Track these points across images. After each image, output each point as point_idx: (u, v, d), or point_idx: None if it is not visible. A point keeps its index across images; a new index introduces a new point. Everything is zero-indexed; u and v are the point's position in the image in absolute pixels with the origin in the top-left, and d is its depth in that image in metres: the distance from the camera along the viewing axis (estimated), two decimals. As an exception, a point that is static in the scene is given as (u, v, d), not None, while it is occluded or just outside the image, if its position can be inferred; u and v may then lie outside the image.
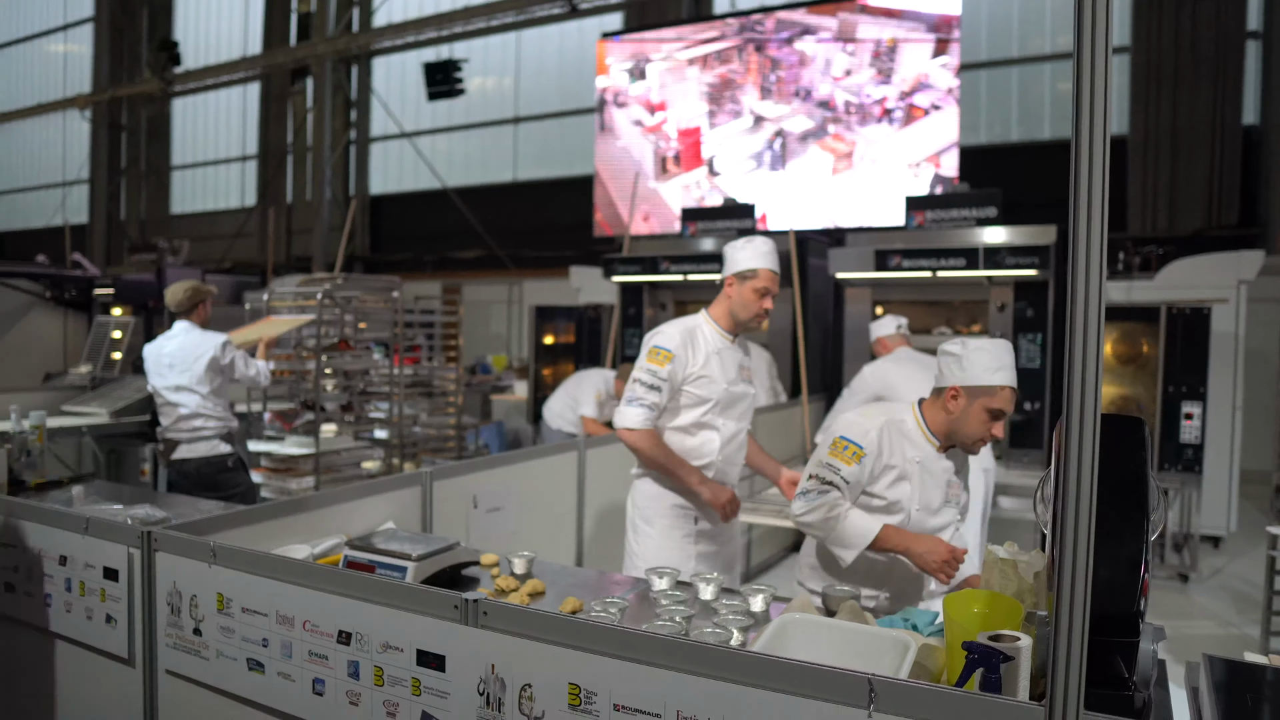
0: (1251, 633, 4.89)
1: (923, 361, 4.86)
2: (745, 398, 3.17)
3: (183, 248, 12.06)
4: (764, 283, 3.06)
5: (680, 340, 3.07)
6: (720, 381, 3.08)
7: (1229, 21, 9.81)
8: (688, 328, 3.13)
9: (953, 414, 2.50)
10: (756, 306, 3.08)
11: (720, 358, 3.10)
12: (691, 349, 3.08)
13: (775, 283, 3.07)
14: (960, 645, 1.44)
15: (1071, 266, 1.23)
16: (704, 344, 3.10)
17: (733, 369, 3.12)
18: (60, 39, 21.93)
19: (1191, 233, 9.80)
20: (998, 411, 2.42)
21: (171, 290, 4.88)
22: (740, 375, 3.15)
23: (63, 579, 2.40)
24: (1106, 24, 1.20)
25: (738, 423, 3.16)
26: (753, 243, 3.08)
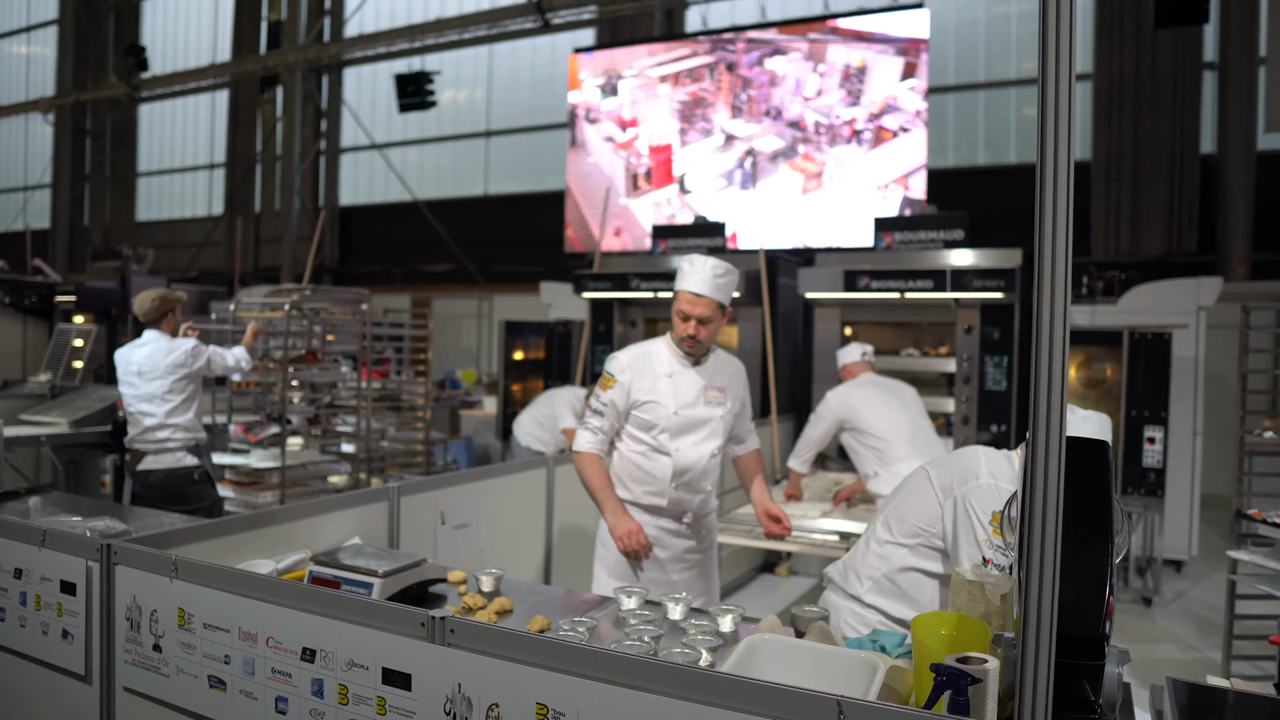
0: (1214, 656, 4.96)
1: (886, 385, 4.92)
2: (708, 421, 3.08)
3: (147, 255, 11.90)
4: (682, 305, 3.01)
5: (627, 364, 3.08)
6: (669, 405, 3.03)
7: (1186, 52, 10.06)
8: (642, 351, 3.13)
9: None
10: (680, 329, 3.03)
11: (674, 380, 3.05)
12: (640, 373, 3.06)
13: (696, 305, 2.97)
14: (928, 667, 1.45)
15: (1037, 290, 1.25)
16: (657, 367, 3.07)
17: (690, 392, 3.06)
18: (23, 40, 21.60)
19: (1153, 258, 10.00)
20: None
21: (140, 299, 4.78)
22: (703, 398, 3.07)
23: (17, 592, 2.35)
24: (1070, 52, 1.22)
25: (699, 446, 3.08)
26: (680, 264, 3.05)
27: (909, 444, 4.62)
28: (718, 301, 2.99)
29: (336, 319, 5.90)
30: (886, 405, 4.75)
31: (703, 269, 2.97)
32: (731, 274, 3.02)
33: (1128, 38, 10.28)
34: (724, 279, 3.00)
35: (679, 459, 3.06)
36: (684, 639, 2.08)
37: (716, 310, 3.00)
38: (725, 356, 3.24)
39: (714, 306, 2.98)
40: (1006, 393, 5.77)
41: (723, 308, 3.03)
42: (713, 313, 2.99)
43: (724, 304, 3.03)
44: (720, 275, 2.98)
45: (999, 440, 5.78)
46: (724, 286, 3.00)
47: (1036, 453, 1.24)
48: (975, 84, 11.69)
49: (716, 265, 2.97)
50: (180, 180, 19.33)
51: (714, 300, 2.97)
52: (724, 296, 3.02)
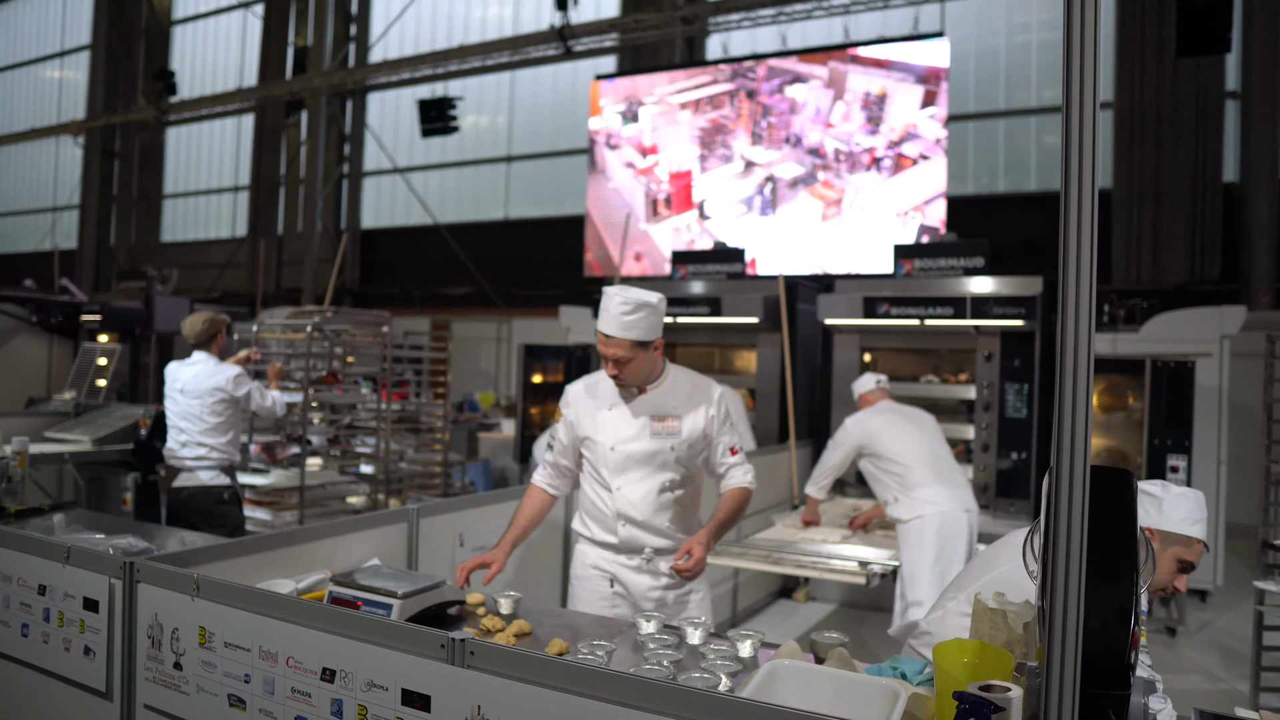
0: (1241, 688, 4.88)
1: (904, 412, 4.92)
2: (655, 455, 2.83)
3: (172, 276, 12.04)
4: (598, 343, 2.80)
5: (572, 398, 2.98)
6: (605, 441, 2.86)
7: (1208, 81, 10.04)
8: (591, 382, 2.99)
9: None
10: (605, 365, 2.83)
11: (614, 414, 2.88)
12: (583, 407, 2.94)
13: (608, 346, 2.75)
14: (950, 695, 1.44)
15: (1061, 317, 1.25)
16: (600, 400, 2.92)
17: (630, 426, 2.85)
18: (56, 65, 22.03)
19: (1175, 286, 9.93)
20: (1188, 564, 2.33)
21: (190, 321, 4.91)
22: (648, 430, 2.84)
23: (41, 609, 2.37)
24: (1095, 82, 1.23)
25: (643, 483, 2.85)
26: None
27: (929, 470, 4.60)
28: (629, 341, 2.73)
29: (357, 341, 5.95)
30: (906, 432, 4.74)
31: (609, 308, 2.74)
32: (647, 309, 2.72)
33: (1149, 66, 10.27)
34: (634, 317, 2.72)
35: (618, 498, 2.86)
36: (703, 664, 2.07)
37: (632, 349, 2.74)
38: (688, 378, 2.96)
39: (626, 345, 2.73)
40: (1027, 420, 5.74)
41: (642, 345, 2.76)
42: (626, 351, 2.74)
43: (641, 342, 2.75)
44: (629, 313, 2.71)
45: (1019, 467, 5.74)
46: (636, 324, 2.72)
47: (1060, 481, 1.24)
48: (995, 112, 11.70)
49: (624, 303, 2.71)
50: (205, 202, 19.59)
51: (625, 340, 2.73)
52: (640, 334, 2.73)
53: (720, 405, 2.93)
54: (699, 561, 2.74)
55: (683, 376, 2.96)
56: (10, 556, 2.46)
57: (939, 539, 4.47)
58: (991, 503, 5.75)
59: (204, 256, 18.54)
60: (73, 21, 21.58)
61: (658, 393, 2.89)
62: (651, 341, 2.79)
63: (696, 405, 2.89)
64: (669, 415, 2.86)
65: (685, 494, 2.92)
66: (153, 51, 19.88)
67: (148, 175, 20.14)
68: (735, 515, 2.95)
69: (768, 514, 5.64)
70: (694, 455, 2.90)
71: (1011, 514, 5.69)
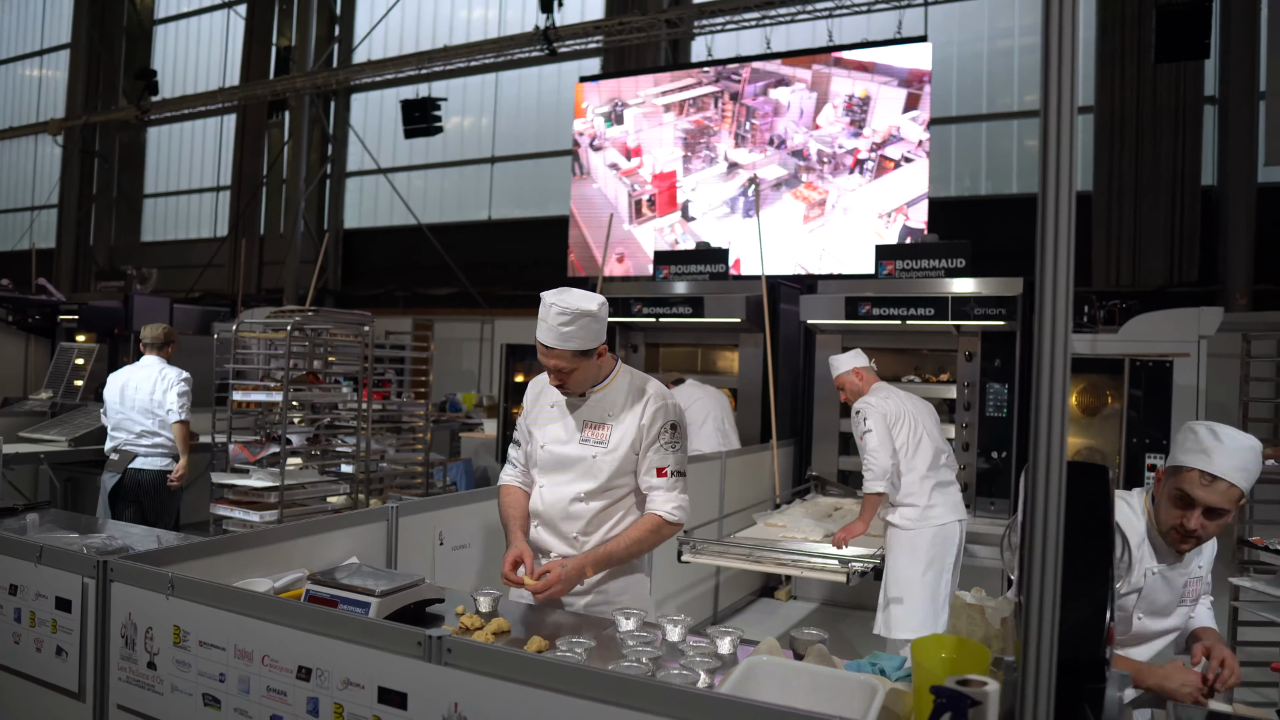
0: (1214, 684, 4.91)
1: (910, 399, 4.64)
2: (579, 462, 2.71)
3: (151, 276, 11.95)
4: (540, 352, 2.68)
5: (531, 390, 2.91)
6: (538, 438, 2.80)
7: (1187, 86, 10.14)
8: (544, 380, 2.85)
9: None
10: (549, 374, 2.73)
11: (554, 412, 2.79)
12: (535, 400, 2.87)
13: (549, 356, 2.62)
14: (928, 689, 1.44)
15: (1038, 315, 1.25)
16: (547, 396, 2.83)
17: (564, 428, 2.76)
18: (36, 63, 21.83)
19: (1154, 288, 10.01)
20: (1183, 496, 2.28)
21: (151, 328, 5.80)
22: (578, 435, 2.73)
23: (12, 609, 2.34)
24: (1072, 86, 1.24)
25: (562, 488, 2.74)
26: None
27: (933, 476, 4.45)
28: (570, 351, 2.59)
29: (338, 340, 5.91)
30: (917, 428, 4.52)
31: (546, 318, 2.59)
32: (586, 318, 2.57)
33: (1129, 71, 10.36)
34: (572, 327, 2.56)
35: (536, 498, 2.80)
36: (682, 661, 2.07)
37: (574, 358, 2.61)
38: (629, 385, 2.76)
39: (567, 356, 2.60)
40: (1008, 419, 5.77)
41: (584, 353, 2.62)
42: (568, 362, 2.61)
43: (582, 351, 2.61)
44: (568, 324, 2.56)
45: (999, 466, 5.77)
46: (574, 335, 2.57)
47: (1037, 477, 1.24)
48: (978, 115, 11.77)
49: (562, 313, 2.55)
50: (186, 202, 19.45)
51: (565, 351, 2.59)
52: (580, 344, 2.59)
53: (655, 417, 2.69)
54: (551, 584, 2.51)
55: (627, 382, 2.76)
56: (-18, 556, 2.42)
57: (931, 549, 4.43)
58: (972, 502, 5.77)
59: (185, 256, 18.41)
60: (53, 20, 21.38)
61: (599, 396, 2.74)
62: (594, 349, 2.64)
63: (632, 416, 2.70)
64: (602, 423, 2.72)
65: (603, 506, 2.72)
66: (134, 50, 19.73)
67: (128, 175, 19.98)
68: (632, 547, 2.67)
69: (749, 513, 5.65)
70: (623, 468, 2.70)
71: (992, 513, 5.72)
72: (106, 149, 20.01)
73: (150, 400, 5.54)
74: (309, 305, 6.10)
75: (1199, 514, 2.27)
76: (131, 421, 5.56)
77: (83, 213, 20.08)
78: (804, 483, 6.43)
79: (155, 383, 5.57)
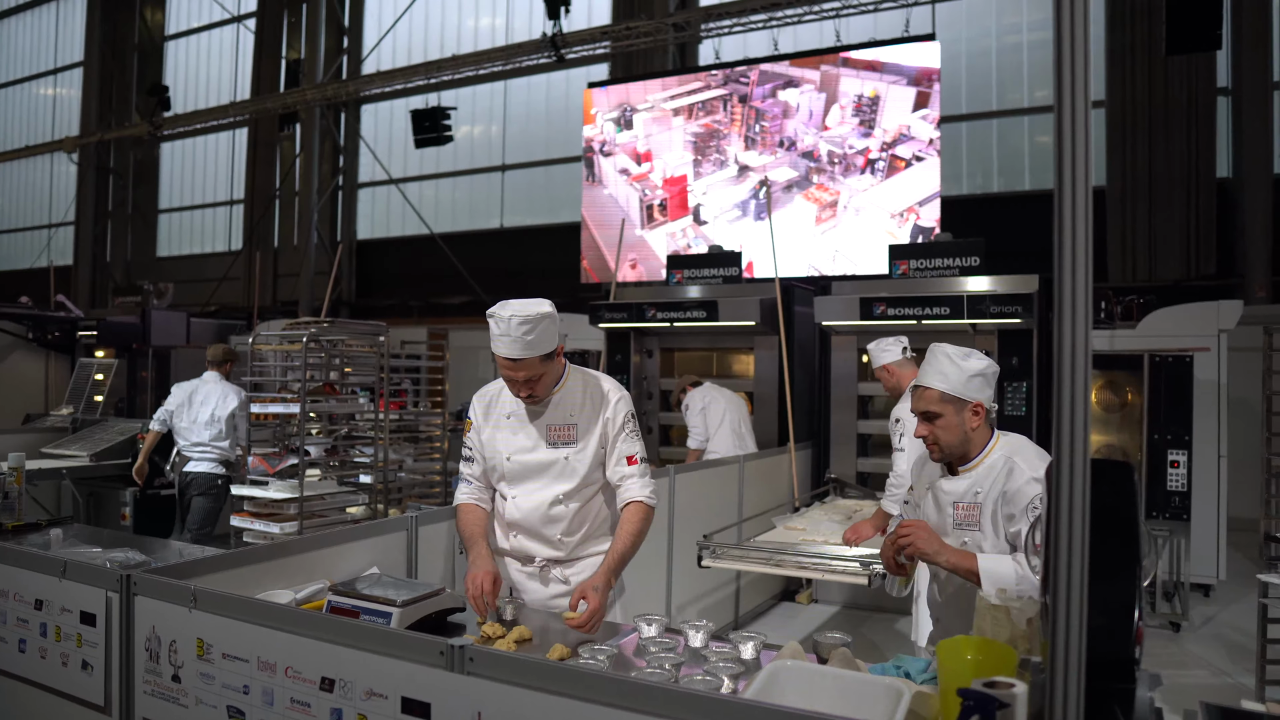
0: (1246, 681, 4.86)
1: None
2: (551, 465, 2.71)
3: (168, 290, 12.04)
4: (502, 368, 2.66)
5: (478, 405, 2.87)
6: (503, 451, 2.75)
7: (1199, 78, 10.06)
8: (495, 390, 2.85)
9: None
10: (511, 387, 2.71)
11: (512, 422, 2.76)
12: (486, 415, 2.83)
13: (517, 369, 2.61)
14: (955, 692, 1.43)
15: (1058, 314, 1.24)
16: (500, 408, 2.80)
17: (528, 435, 2.73)
18: (50, 83, 22.05)
19: (1171, 282, 9.93)
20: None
21: (212, 348, 6.40)
22: (544, 439, 2.72)
23: (38, 624, 2.35)
24: (1085, 81, 1.23)
25: (537, 494, 2.72)
26: (490, 319, 2.65)
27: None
28: (538, 358, 2.60)
29: (354, 351, 5.93)
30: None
31: (509, 332, 2.57)
32: (543, 322, 2.59)
33: (1140, 64, 10.29)
34: (535, 335, 2.57)
35: (511, 508, 2.77)
36: (705, 666, 2.06)
37: (541, 363, 2.61)
38: (583, 381, 2.80)
39: (535, 363, 2.60)
40: (1026, 418, 5.73)
41: (549, 356, 2.64)
42: (535, 369, 2.62)
43: (547, 355, 2.63)
44: (530, 332, 2.56)
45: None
46: (538, 342, 2.58)
47: (1061, 476, 1.23)
48: (988, 112, 11.72)
49: (524, 323, 2.56)
50: (200, 216, 19.60)
51: (533, 359, 2.59)
52: (546, 348, 2.61)
53: (618, 409, 2.74)
54: (594, 613, 2.43)
55: (580, 381, 2.79)
56: (7, 572, 2.44)
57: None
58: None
59: (200, 270, 18.54)
60: (66, 38, 21.61)
61: (556, 398, 2.74)
62: (555, 349, 2.66)
63: (594, 411, 2.74)
64: (566, 423, 2.73)
65: (581, 503, 2.75)
66: (146, 67, 19.91)
67: (143, 190, 20.15)
68: (636, 540, 2.68)
69: (768, 516, 5.62)
70: (595, 464, 2.73)
71: (1012, 513, 5.67)
72: (121, 165, 20.18)
73: (211, 416, 6.03)
74: (324, 317, 6.13)
75: (919, 422, 2.56)
76: (190, 430, 6.02)
77: (99, 229, 20.26)
78: (823, 485, 6.40)
79: (218, 400, 6.07)
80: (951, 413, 2.50)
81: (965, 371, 2.49)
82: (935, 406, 2.50)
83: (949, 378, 2.49)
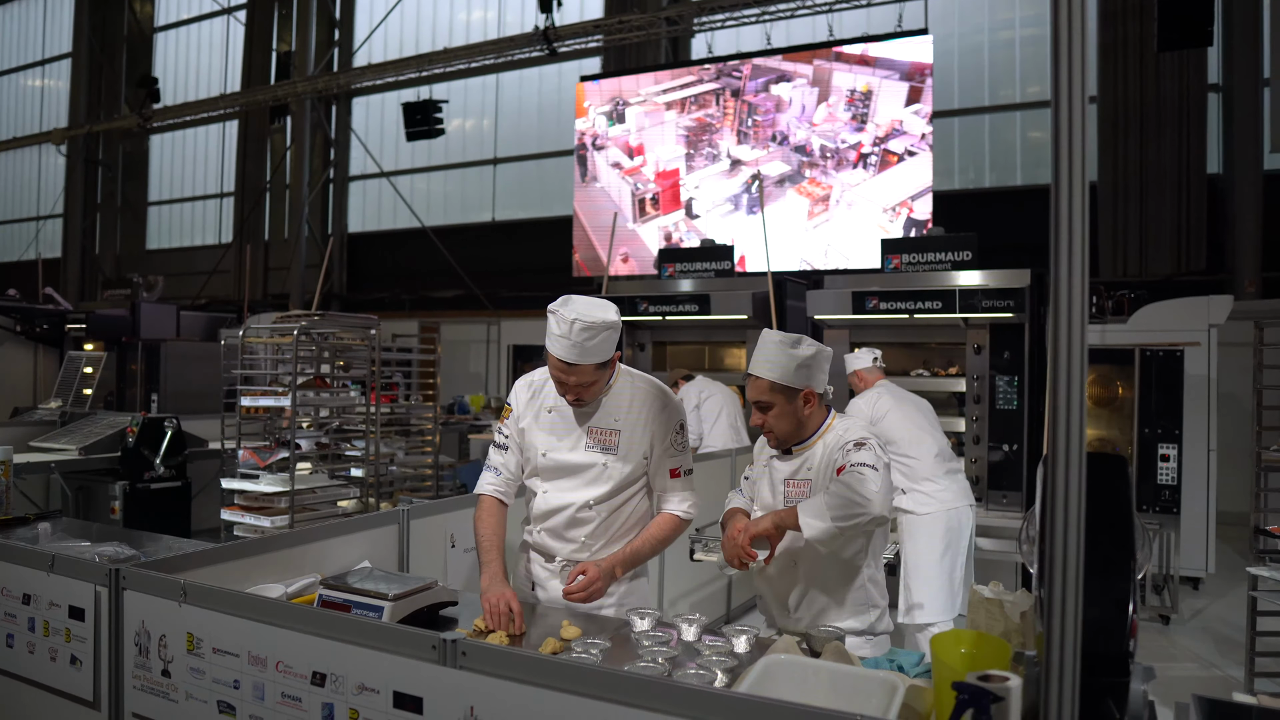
0: (1235, 674, 4.89)
1: (907, 396, 4.76)
2: (587, 469, 2.61)
3: (157, 283, 11.95)
4: (553, 370, 2.55)
5: (523, 393, 2.75)
6: (539, 446, 2.66)
7: (1190, 74, 10.09)
8: (538, 382, 2.74)
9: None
10: (558, 388, 2.59)
11: (554, 417, 2.66)
12: (530, 403, 2.72)
13: (569, 373, 2.49)
14: (949, 686, 1.43)
15: (1054, 308, 1.24)
16: (543, 400, 2.70)
17: (568, 433, 2.64)
18: (38, 74, 21.89)
19: (1162, 278, 9.97)
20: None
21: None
22: (584, 441, 2.62)
23: (26, 619, 2.34)
24: (1082, 77, 1.22)
25: (568, 494, 2.63)
26: (549, 316, 2.52)
27: (938, 461, 4.52)
28: (593, 365, 2.49)
29: (345, 344, 5.90)
30: (913, 418, 4.61)
31: (570, 335, 2.43)
32: (607, 331, 2.46)
33: (1132, 61, 10.32)
34: (595, 342, 2.45)
35: (539, 503, 2.68)
36: (698, 660, 2.05)
37: (595, 372, 2.51)
38: (633, 388, 2.66)
39: (589, 371, 2.49)
40: (1018, 412, 5.74)
41: (604, 365, 2.53)
42: (589, 376, 2.50)
43: (603, 363, 2.52)
44: (592, 339, 2.44)
45: (1010, 459, 5.75)
46: (598, 349, 2.46)
47: (1056, 470, 1.22)
48: (980, 108, 11.73)
49: (586, 329, 2.42)
50: (190, 209, 19.50)
51: (588, 366, 2.48)
52: (604, 356, 2.49)
53: (668, 420, 2.64)
54: (590, 584, 2.44)
55: (629, 385, 2.67)
56: (-6, 566, 2.42)
57: (946, 535, 4.46)
58: (983, 495, 5.74)
59: (190, 263, 18.45)
60: (54, 29, 21.45)
61: (604, 400, 2.64)
62: (611, 357, 2.55)
63: (640, 419, 2.62)
64: (609, 428, 2.62)
65: (612, 509, 2.65)
66: (135, 59, 19.77)
67: (132, 183, 20.03)
68: (656, 545, 2.64)
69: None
70: (634, 473, 2.64)
71: (1004, 506, 5.69)
72: (110, 158, 20.06)
73: None
74: (315, 310, 6.10)
75: (754, 411, 2.58)
76: None
77: (88, 222, 20.14)
78: (814, 479, 6.40)
79: None
80: (783, 401, 2.49)
81: (794, 360, 2.46)
82: (767, 396, 2.50)
83: (778, 367, 2.47)
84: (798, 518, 2.36)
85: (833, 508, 2.31)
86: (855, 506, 2.29)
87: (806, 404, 2.51)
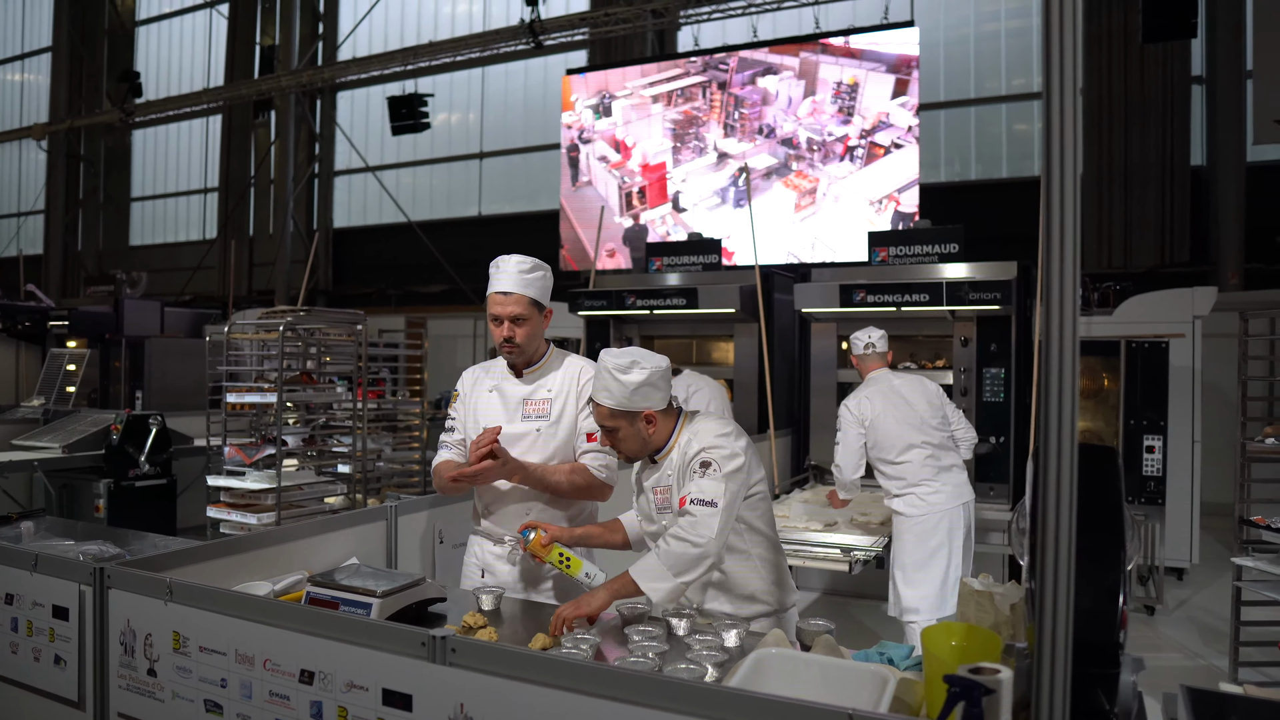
0: (1219, 664, 4.93)
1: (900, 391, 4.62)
2: (522, 438, 2.75)
3: (141, 279, 11.87)
4: (492, 307, 2.73)
5: (468, 378, 2.94)
6: (481, 420, 2.79)
7: (1174, 67, 10.14)
8: (489, 364, 2.94)
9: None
10: (495, 334, 2.75)
11: (494, 395, 2.83)
12: (473, 386, 2.90)
13: (505, 304, 2.69)
14: (940, 678, 1.42)
15: (1045, 301, 1.24)
16: (488, 380, 2.87)
17: (505, 407, 2.80)
18: (17, 68, 21.66)
19: (1146, 269, 10.03)
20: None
21: None
22: (520, 412, 2.78)
23: (8, 619, 2.31)
24: (1075, 67, 1.22)
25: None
26: (490, 270, 2.75)
27: (931, 464, 4.44)
28: (529, 298, 2.70)
29: (331, 340, 5.87)
30: (902, 419, 4.50)
31: (507, 266, 2.71)
32: (541, 270, 2.74)
33: (1115, 53, 10.36)
34: (532, 275, 2.71)
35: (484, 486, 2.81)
36: (689, 655, 2.05)
37: (530, 307, 2.71)
38: (562, 359, 2.88)
39: (525, 303, 2.69)
40: (1005, 404, 5.76)
41: (538, 305, 2.74)
42: (525, 309, 2.70)
43: (538, 301, 2.73)
44: (527, 271, 2.71)
45: (998, 451, 5.77)
46: (534, 282, 2.72)
47: (1048, 462, 1.22)
48: (966, 100, 11.76)
49: (522, 261, 2.72)
50: (174, 204, 19.34)
51: (524, 296, 2.69)
52: (536, 293, 2.72)
53: (587, 387, 2.75)
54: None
55: (558, 358, 2.88)
56: (-24, 566, 2.39)
57: (937, 537, 4.41)
58: (972, 487, 5.76)
59: (174, 259, 18.32)
60: (33, 23, 21.21)
61: (536, 376, 2.82)
62: (545, 307, 2.77)
63: (569, 389, 2.81)
64: (542, 399, 2.80)
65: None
66: (116, 53, 19.57)
67: (115, 178, 19.85)
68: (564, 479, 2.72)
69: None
70: (567, 441, 2.78)
71: (991, 499, 5.70)
72: (92, 153, 19.87)
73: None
74: (301, 305, 6.06)
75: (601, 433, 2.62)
76: None
77: (70, 218, 19.95)
78: (803, 472, 6.41)
79: None
80: (625, 424, 2.51)
81: (628, 386, 2.46)
82: (609, 422, 2.52)
83: (614, 394, 2.47)
84: (635, 584, 2.33)
85: (671, 564, 2.31)
86: (693, 552, 2.31)
87: (649, 424, 2.52)
